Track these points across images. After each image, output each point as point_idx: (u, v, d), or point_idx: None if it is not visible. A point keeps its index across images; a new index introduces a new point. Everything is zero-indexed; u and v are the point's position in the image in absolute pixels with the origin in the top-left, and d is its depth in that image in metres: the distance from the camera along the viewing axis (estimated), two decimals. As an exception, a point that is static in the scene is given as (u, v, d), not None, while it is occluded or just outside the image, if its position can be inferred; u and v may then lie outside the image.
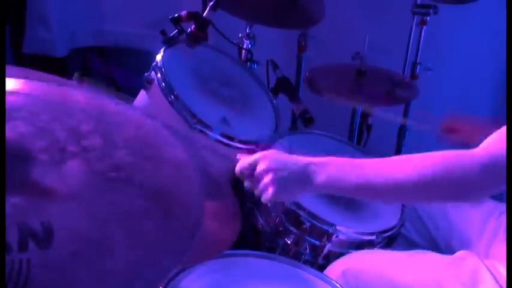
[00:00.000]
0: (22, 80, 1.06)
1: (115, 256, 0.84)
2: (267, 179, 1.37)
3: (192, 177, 0.99)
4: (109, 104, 1.11)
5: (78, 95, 1.11)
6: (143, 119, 1.11)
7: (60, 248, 0.81)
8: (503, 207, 1.86)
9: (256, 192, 1.39)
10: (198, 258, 1.27)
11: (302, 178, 1.36)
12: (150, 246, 0.88)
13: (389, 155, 2.70)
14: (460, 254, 1.71)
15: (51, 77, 1.42)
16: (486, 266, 1.64)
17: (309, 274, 1.57)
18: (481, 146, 1.33)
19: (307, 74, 2.33)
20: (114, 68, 3.31)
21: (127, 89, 1.95)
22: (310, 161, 1.37)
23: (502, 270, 1.63)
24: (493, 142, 1.32)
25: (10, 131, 0.92)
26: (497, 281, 1.60)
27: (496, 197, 1.91)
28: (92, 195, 0.90)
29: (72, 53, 3.22)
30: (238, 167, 1.43)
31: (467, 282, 1.61)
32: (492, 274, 1.62)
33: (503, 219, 1.82)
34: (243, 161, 1.43)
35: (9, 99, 0.99)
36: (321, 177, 1.35)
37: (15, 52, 3.13)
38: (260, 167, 1.38)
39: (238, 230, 1.35)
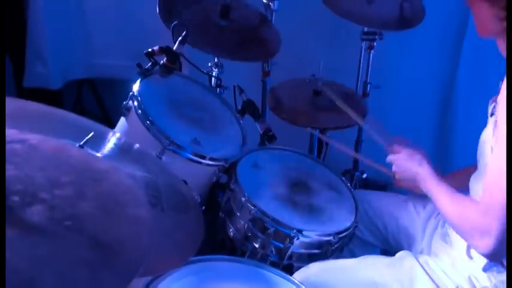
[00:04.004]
0: (34, 135, 1.09)
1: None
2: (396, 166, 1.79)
3: (146, 235, 1.00)
4: (96, 162, 1.16)
5: (75, 152, 1.15)
6: (122, 178, 1.13)
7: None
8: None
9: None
10: (164, 266, 1.28)
11: (412, 180, 1.73)
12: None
13: (347, 166, 2.74)
14: (399, 254, 1.75)
15: (48, 108, 1.45)
16: (420, 264, 1.68)
17: (272, 274, 1.58)
18: (483, 196, 1.47)
19: (270, 95, 2.33)
20: (104, 97, 3.30)
21: (116, 116, 1.95)
22: (418, 173, 1.70)
23: (434, 266, 1.67)
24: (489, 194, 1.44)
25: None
26: (430, 277, 1.65)
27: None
28: (41, 238, 0.90)
29: (67, 86, 3.20)
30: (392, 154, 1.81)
31: (404, 280, 1.65)
32: (425, 271, 1.65)
33: (441, 217, 1.84)
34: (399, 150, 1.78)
35: (15, 146, 1.03)
36: (422, 186, 1.68)
37: (17, 86, 3.12)
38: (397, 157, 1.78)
39: (201, 238, 1.36)
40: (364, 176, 2.72)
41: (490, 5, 1.49)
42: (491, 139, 1.51)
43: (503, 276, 1.57)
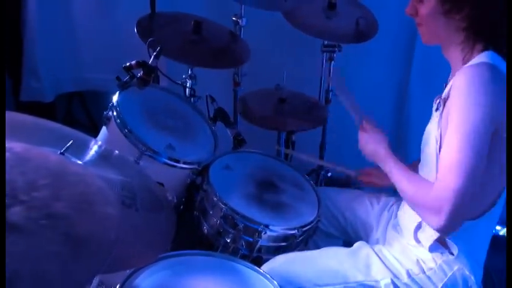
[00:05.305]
0: (19, 144, 1.13)
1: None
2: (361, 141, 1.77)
3: (114, 230, 1.02)
4: (72, 167, 1.20)
5: (53, 158, 1.18)
6: (95, 181, 1.15)
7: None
8: (393, 199, 1.90)
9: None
10: (138, 261, 1.27)
11: (372, 155, 1.72)
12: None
13: (313, 166, 2.74)
14: (356, 245, 1.76)
15: (45, 121, 1.45)
16: (375, 252, 1.70)
17: (241, 266, 1.58)
18: (438, 181, 1.47)
19: (240, 103, 2.32)
20: (92, 108, 3.27)
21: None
22: (381, 156, 1.68)
23: (386, 253, 1.69)
24: (443, 178, 1.45)
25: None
26: (383, 262, 1.66)
27: (388, 192, 1.94)
28: (19, 236, 0.93)
29: (58, 98, 3.18)
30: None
31: (361, 267, 1.66)
32: (380, 258, 1.67)
33: (394, 209, 1.86)
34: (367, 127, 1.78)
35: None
36: (381, 164, 1.67)
37: (15, 100, 3.09)
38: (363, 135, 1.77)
39: (172, 235, 1.35)
40: (329, 174, 2.72)
41: (446, 17, 1.53)
42: (435, 131, 1.55)
43: (445, 257, 1.62)
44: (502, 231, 2.88)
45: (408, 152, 2.83)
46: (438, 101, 1.57)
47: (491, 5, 1.52)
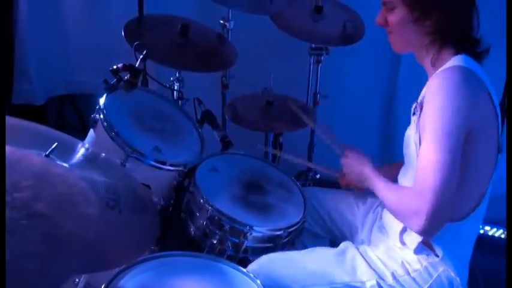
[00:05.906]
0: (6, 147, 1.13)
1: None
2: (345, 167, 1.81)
3: (93, 231, 1.04)
4: (55, 168, 1.20)
5: (37, 160, 1.19)
6: (78, 182, 1.17)
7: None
8: (378, 201, 1.91)
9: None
10: (121, 261, 1.28)
11: (358, 177, 1.76)
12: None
13: (302, 167, 2.74)
14: (342, 246, 1.76)
15: (33, 124, 1.45)
16: (360, 253, 1.70)
17: (226, 266, 1.58)
18: (416, 182, 1.50)
19: (229, 106, 2.33)
20: (83, 110, 3.28)
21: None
22: (365, 175, 1.72)
23: (371, 255, 1.70)
24: (421, 180, 1.47)
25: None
26: (368, 264, 1.67)
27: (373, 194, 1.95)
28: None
29: (50, 101, 3.19)
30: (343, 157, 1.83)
31: (348, 268, 1.67)
32: (365, 259, 1.68)
33: (379, 210, 1.87)
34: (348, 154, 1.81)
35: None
36: (367, 183, 1.71)
37: (7, 104, 3.09)
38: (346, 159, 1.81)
39: (155, 237, 1.36)
40: (318, 176, 2.74)
41: (416, 25, 1.57)
42: (414, 135, 1.58)
43: (431, 259, 1.62)
44: (491, 231, 2.90)
45: (395, 154, 2.85)
46: (415, 105, 1.60)
47: (458, 8, 1.56)
